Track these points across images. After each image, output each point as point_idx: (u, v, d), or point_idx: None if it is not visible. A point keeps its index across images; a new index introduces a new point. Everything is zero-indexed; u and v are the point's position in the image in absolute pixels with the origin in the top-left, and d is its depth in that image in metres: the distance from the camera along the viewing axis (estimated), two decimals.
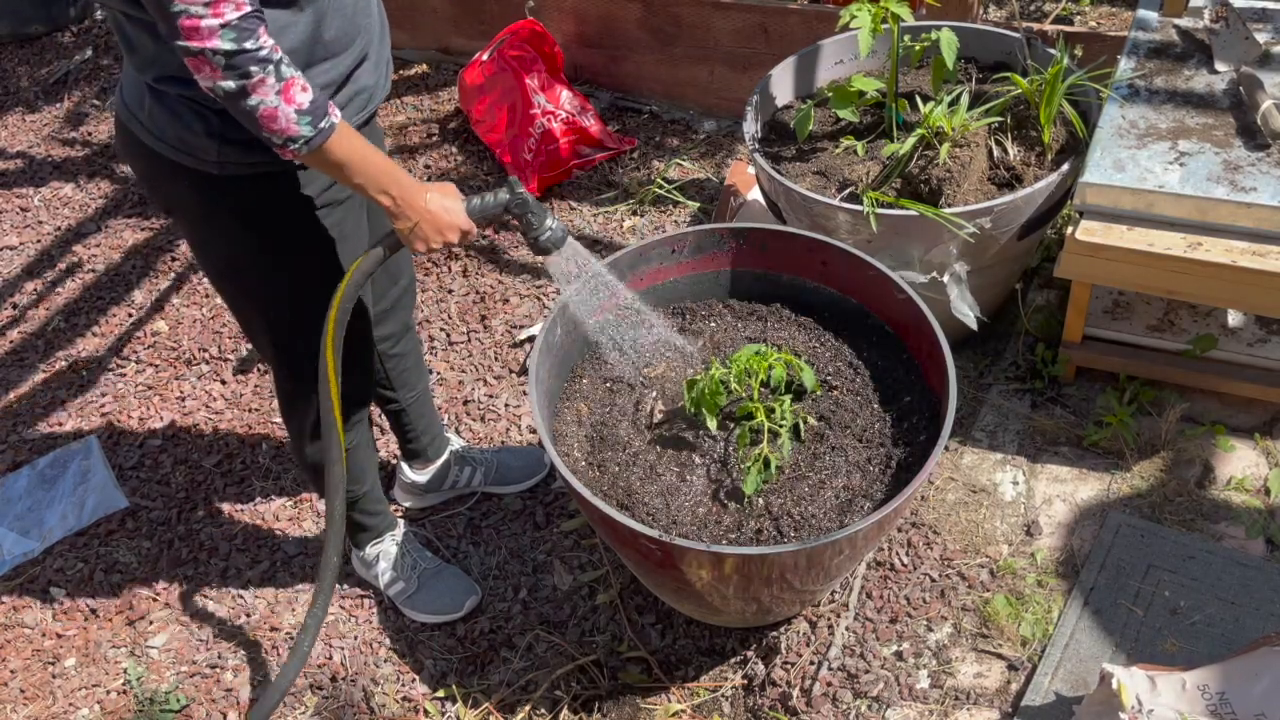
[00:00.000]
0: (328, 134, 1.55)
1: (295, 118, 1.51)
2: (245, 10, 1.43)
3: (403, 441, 2.47)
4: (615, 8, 3.54)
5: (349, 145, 1.59)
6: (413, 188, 1.67)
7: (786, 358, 1.95)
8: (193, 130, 1.66)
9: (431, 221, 1.69)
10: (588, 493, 1.78)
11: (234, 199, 1.76)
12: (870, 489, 1.88)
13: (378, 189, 1.65)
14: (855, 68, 2.68)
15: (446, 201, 1.71)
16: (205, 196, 1.76)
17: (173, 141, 1.69)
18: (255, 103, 1.48)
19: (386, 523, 2.39)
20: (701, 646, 2.23)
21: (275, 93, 1.48)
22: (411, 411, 2.40)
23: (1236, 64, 2.37)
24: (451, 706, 2.23)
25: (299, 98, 1.50)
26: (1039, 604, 2.11)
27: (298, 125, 1.51)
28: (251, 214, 1.78)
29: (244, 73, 1.45)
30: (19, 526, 2.68)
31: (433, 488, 2.56)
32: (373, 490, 2.30)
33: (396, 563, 2.37)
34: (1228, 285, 2.09)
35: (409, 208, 1.67)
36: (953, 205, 2.25)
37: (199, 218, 1.82)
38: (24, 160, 4.01)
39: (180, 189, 1.77)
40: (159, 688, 2.33)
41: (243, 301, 1.95)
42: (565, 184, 3.43)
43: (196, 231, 1.87)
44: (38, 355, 3.20)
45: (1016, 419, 2.46)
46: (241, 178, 1.72)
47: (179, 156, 1.70)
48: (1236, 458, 2.30)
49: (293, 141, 1.53)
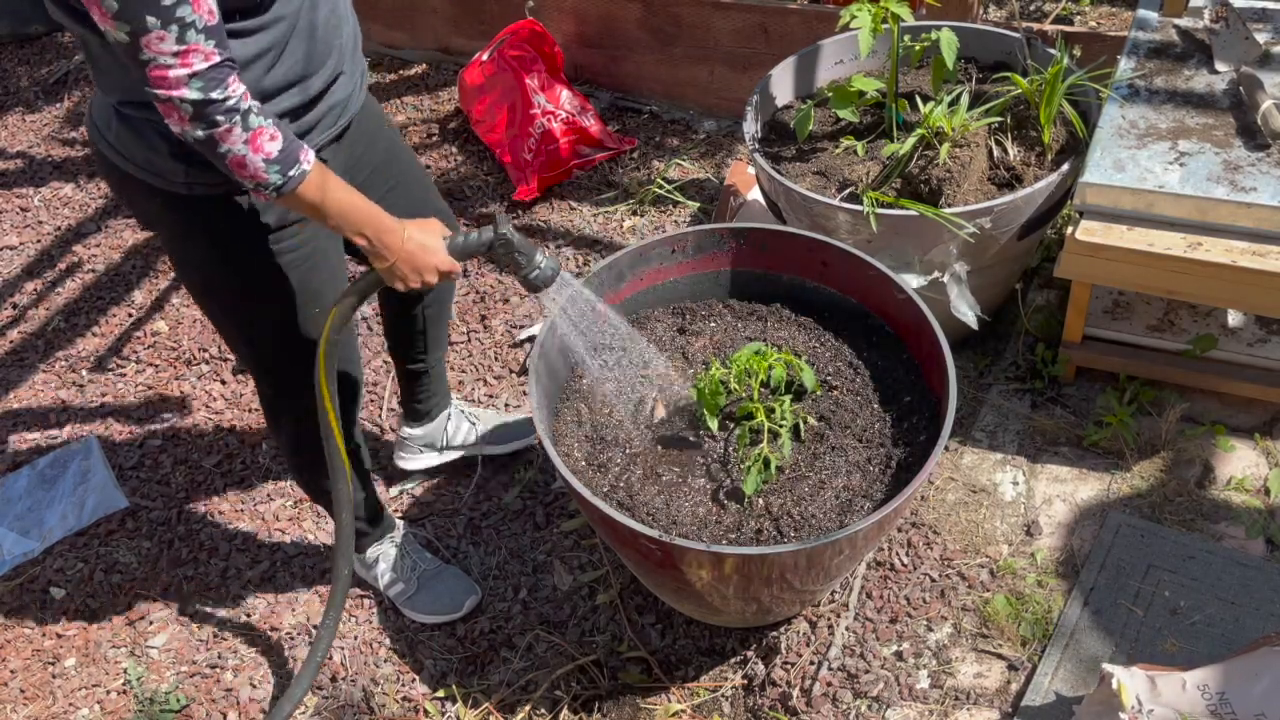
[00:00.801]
0: (298, 181, 1.55)
1: (264, 166, 1.51)
2: (215, 60, 1.43)
3: (412, 402, 2.50)
4: (615, 8, 3.54)
5: (321, 189, 1.59)
6: (389, 228, 1.67)
7: (786, 358, 1.95)
8: (159, 152, 1.65)
9: (409, 261, 1.69)
10: (588, 493, 1.78)
11: (204, 219, 1.75)
12: (870, 489, 1.88)
13: (353, 230, 1.65)
14: (855, 68, 2.68)
15: (426, 239, 1.70)
16: (178, 216, 1.76)
17: (141, 163, 1.69)
18: (224, 150, 1.48)
19: (385, 526, 2.39)
20: (701, 646, 2.23)
21: (243, 142, 1.48)
22: (434, 372, 2.45)
23: (1236, 64, 2.37)
24: (451, 706, 2.23)
25: (266, 146, 1.51)
26: (1039, 604, 2.11)
27: (266, 173, 1.52)
28: (222, 233, 1.77)
29: (211, 121, 1.45)
30: (19, 526, 2.68)
31: (431, 442, 2.58)
32: (370, 496, 2.31)
33: (396, 564, 2.38)
34: (1228, 285, 2.09)
35: (385, 248, 1.67)
36: (953, 205, 2.25)
37: (174, 236, 1.82)
38: (24, 160, 4.01)
39: (154, 208, 1.77)
40: (159, 688, 2.33)
41: (221, 318, 1.95)
42: (565, 184, 3.43)
43: (173, 249, 1.87)
44: (38, 355, 3.20)
45: (1016, 419, 2.46)
46: (212, 198, 1.71)
47: (148, 177, 1.70)
48: (1236, 458, 2.30)
49: (263, 187, 1.54)
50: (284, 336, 1.91)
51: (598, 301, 1.97)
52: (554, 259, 1.84)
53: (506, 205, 3.39)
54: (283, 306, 1.87)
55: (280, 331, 1.91)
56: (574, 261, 3.17)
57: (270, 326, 1.91)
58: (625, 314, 2.22)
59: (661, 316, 2.24)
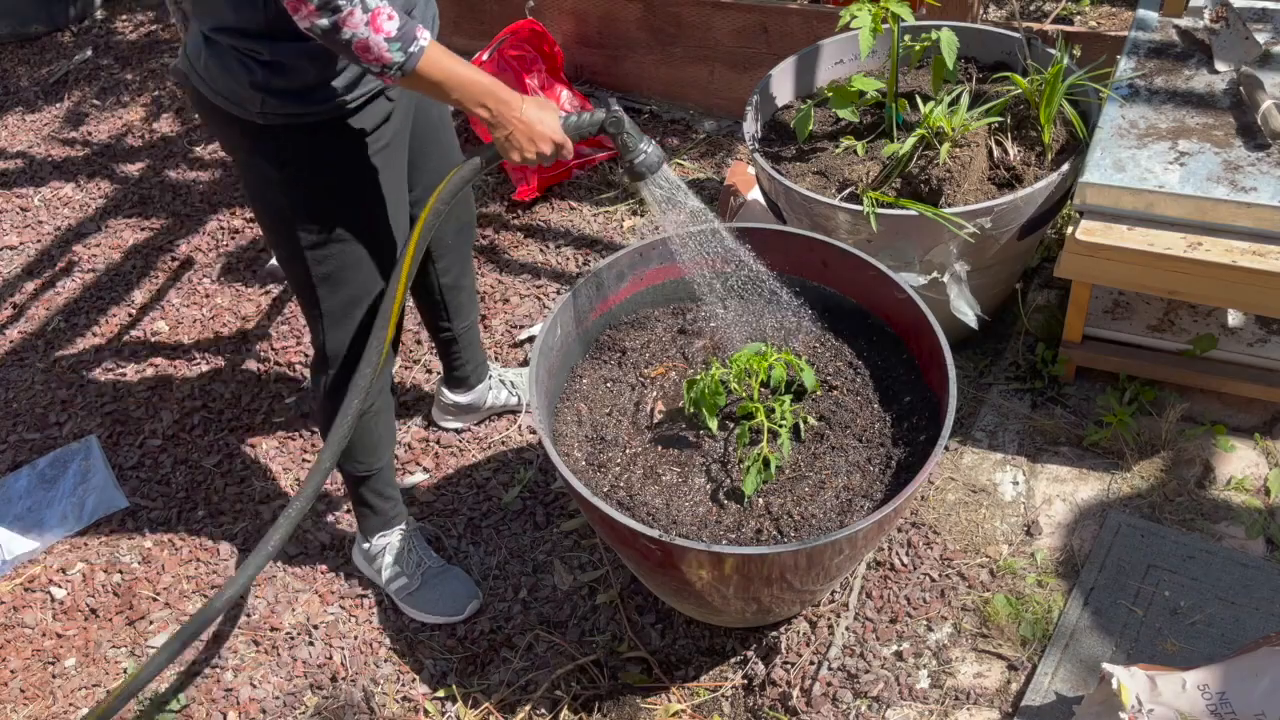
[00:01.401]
0: (419, 57, 1.64)
1: (386, 45, 1.60)
2: None
3: (449, 369, 2.62)
4: (615, 8, 3.53)
5: (442, 64, 1.68)
6: (508, 99, 1.75)
7: (786, 357, 1.95)
8: (239, 81, 1.75)
9: (526, 130, 1.76)
10: (588, 493, 1.78)
11: (276, 148, 1.84)
12: (870, 489, 1.88)
13: (474, 102, 1.73)
14: (855, 67, 2.69)
15: (543, 113, 1.78)
16: (253, 145, 1.85)
17: (224, 92, 1.78)
18: (349, 36, 1.58)
19: (396, 511, 2.37)
20: (701, 646, 2.23)
21: (364, 24, 1.57)
22: (462, 340, 2.54)
23: (1236, 64, 2.37)
24: (451, 706, 2.23)
25: (385, 25, 1.59)
26: (1039, 604, 2.11)
27: (389, 52, 1.61)
28: (294, 165, 1.86)
29: (334, 7, 1.55)
30: (19, 526, 2.68)
31: (473, 408, 2.70)
32: (387, 470, 2.30)
33: (400, 557, 2.36)
34: (1228, 285, 2.09)
35: (504, 118, 1.75)
36: (953, 205, 2.25)
37: (249, 165, 1.90)
38: (24, 160, 4.01)
39: (234, 137, 1.86)
40: (159, 688, 2.33)
41: (289, 252, 1.98)
42: (565, 184, 3.43)
43: (248, 179, 1.94)
44: (38, 355, 3.20)
45: (1016, 419, 2.46)
46: (287, 128, 1.81)
47: (229, 106, 1.79)
48: (1236, 458, 2.30)
49: (388, 69, 1.63)
50: (347, 276, 1.98)
51: (698, 203, 1.98)
52: (660, 149, 1.88)
53: (507, 205, 3.39)
54: (348, 239, 1.94)
55: (344, 268, 1.97)
56: (574, 261, 3.17)
57: (334, 261, 1.96)
58: (625, 314, 2.23)
59: (661, 316, 2.24)
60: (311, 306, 2.03)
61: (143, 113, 4.17)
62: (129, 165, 3.91)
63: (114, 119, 4.16)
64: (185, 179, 3.79)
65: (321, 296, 2.00)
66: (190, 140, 3.98)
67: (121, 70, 4.43)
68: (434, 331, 2.53)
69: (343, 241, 1.94)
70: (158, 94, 4.26)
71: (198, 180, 3.78)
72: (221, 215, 3.60)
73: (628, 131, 1.83)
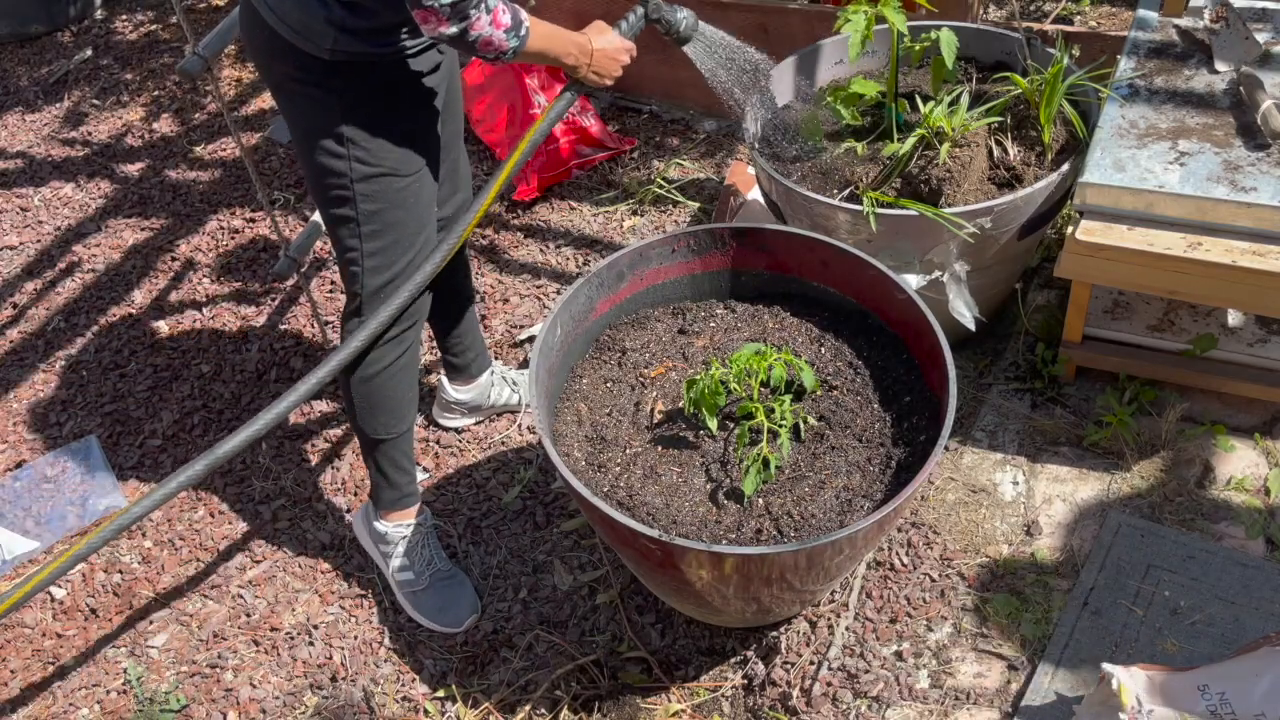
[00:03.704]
0: (527, 37, 1.81)
1: (505, 38, 1.77)
2: None
3: (449, 356, 2.59)
4: (615, 7, 3.53)
5: (538, 34, 1.84)
6: (582, 40, 1.97)
7: (786, 358, 1.95)
8: (314, 16, 1.80)
9: (604, 58, 2.00)
10: (588, 493, 1.78)
11: (338, 83, 1.88)
12: (870, 489, 1.88)
13: (563, 53, 1.93)
14: (855, 67, 2.69)
15: (604, 38, 2.01)
16: (311, 79, 1.88)
17: (294, 24, 1.82)
18: (475, 37, 1.73)
19: (411, 489, 2.31)
20: (701, 646, 2.23)
21: (488, 24, 1.73)
22: (463, 325, 2.53)
23: (1236, 64, 2.37)
24: (451, 706, 2.23)
25: (503, 19, 1.75)
26: (1039, 604, 2.11)
27: (507, 43, 1.78)
28: (353, 92, 1.90)
29: (463, 15, 1.69)
30: (19, 526, 2.68)
31: (476, 405, 2.69)
32: (407, 437, 2.26)
33: (412, 551, 2.32)
34: (1228, 285, 2.09)
35: (586, 56, 1.97)
36: (953, 205, 2.25)
37: (304, 95, 1.92)
38: (24, 160, 4.01)
39: (289, 68, 1.89)
40: (159, 688, 2.33)
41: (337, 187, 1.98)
42: (565, 184, 3.43)
43: (299, 109, 1.95)
44: (38, 355, 3.20)
45: (1016, 419, 2.46)
46: (351, 64, 1.86)
47: (295, 39, 1.83)
48: (1236, 458, 2.30)
49: (503, 55, 1.79)
50: (391, 219, 2.01)
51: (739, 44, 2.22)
52: (690, 12, 2.10)
53: (506, 205, 3.39)
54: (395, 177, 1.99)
55: (388, 211, 2.00)
56: (574, 261, 3.17)
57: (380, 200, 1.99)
58: (625, 314, 2.23)
59: (661, 316, 2.24)
60: (352, 249, 2.04)
61: (142, 113, 4.17)
62: (129, 165, 3.91)
63: (114, 119, 4.16)
64: (185, 179, 3.79)
65: (365, 235, 2.01)
66: (190, 140, 3.99)
67: (121, 70, 4.43)
68: (432, 316, 2.41)
69: (392, 176, 1.98)
70: (157, 94, 4.26)
71: (198, 180, 3.78)
72: (221, 215, 3.60)
73: (664, 11, 2.07)
